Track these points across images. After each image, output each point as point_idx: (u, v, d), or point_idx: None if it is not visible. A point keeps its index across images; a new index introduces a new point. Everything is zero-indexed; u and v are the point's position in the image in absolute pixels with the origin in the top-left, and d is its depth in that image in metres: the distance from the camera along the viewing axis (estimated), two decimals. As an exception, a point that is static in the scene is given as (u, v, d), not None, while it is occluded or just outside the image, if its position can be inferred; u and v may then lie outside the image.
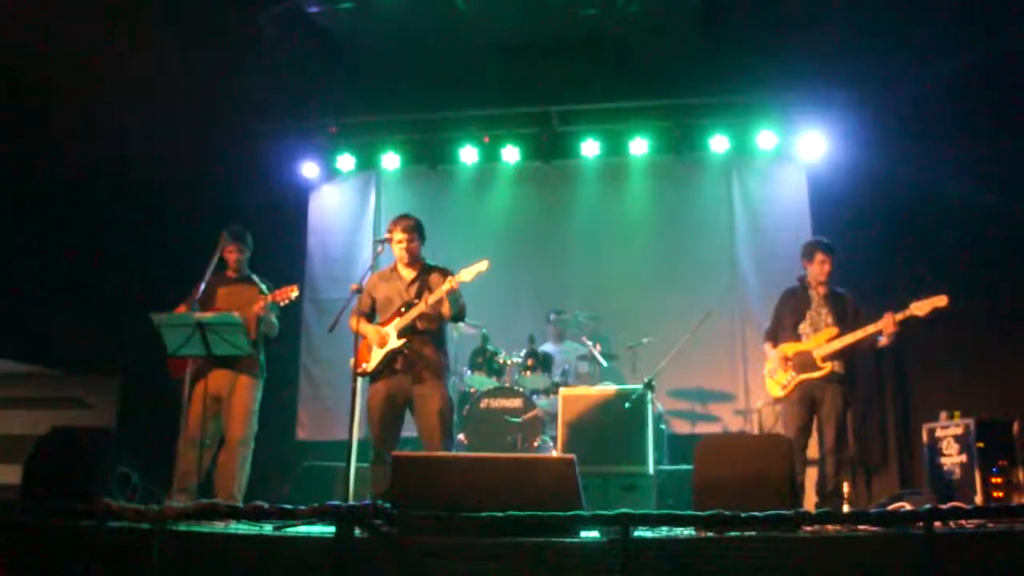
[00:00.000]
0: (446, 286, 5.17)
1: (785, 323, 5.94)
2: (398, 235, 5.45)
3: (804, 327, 5.84)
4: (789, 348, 5.83)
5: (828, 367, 5.68)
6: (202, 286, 5.68)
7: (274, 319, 5.96)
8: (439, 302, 5.27)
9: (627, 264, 8.50)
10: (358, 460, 4.89)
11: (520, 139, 8.76)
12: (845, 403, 5.72)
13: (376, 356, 5.30)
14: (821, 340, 5.72)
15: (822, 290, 5.90)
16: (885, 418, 7.58)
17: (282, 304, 5.86)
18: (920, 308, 5.50)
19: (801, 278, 6.04)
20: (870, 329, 5.57)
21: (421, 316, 5.28)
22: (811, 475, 6.06)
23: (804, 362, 5.74)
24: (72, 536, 3.97)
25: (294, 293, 5.82)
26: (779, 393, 5.85)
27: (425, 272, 5.49)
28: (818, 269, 5.90)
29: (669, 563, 3.53)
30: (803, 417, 5.72)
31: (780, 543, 3.60)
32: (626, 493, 6.28)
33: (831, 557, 3.55)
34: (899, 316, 5.52)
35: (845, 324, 5.72)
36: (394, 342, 5.27)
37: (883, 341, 5.61)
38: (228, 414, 5.74)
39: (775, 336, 6.00)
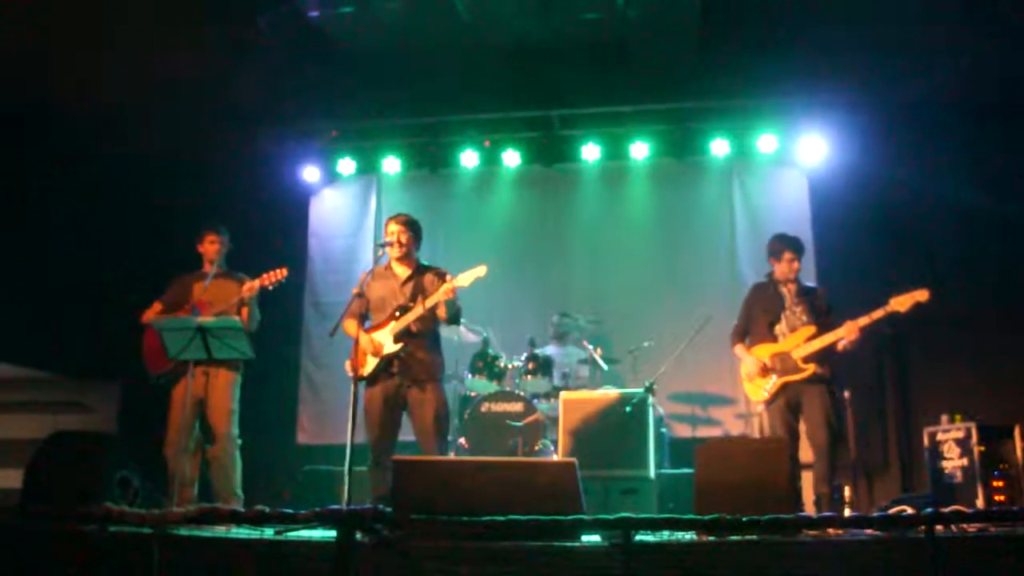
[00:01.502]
0: (442, 292, 5.13)
1: (759, 323, 5.82)
2: (392, 227, 5.43)
3: (780, 328, 5.73)
4: (765, 351, 5.72)
5: (811, 368, 5.56)
6: (205, 284, 5.68)
7: (256, 311, 5.88)
8: (435, 306, 5.25)
9: (628, 268, 8.50)
10: (357, 464, 4.89)
11: (521, 143, 8.76)
12: (832, 404, 5.60)
13: (371, 363, 5.26)
14: (799, 340, 5.61)
15: (792, 287, 5.81)
16: (886, 421, 7.58)
17: (270, 287, 5.77)
18: (900, 303, 5.44)
19: (770, 274, 5.94)
20: (840, 333, 5.51)
21: (416, 319, 5.26)
22: (806, 479, 6.04)
23: (785, 364, 5.62)
24: (73, 540, 3.97)
25: (283, 275, 5.74)
26: (763, 396, 5.72)
27: (419, 272, 5.46)
28: (787, 268, 5.80)
29: (671, 567, 3.52)
30: (791, 422, 5.62)
31: (782, 547, 3.60)
32: (627, 497, 6.27)
33: (833, 561, 3.54)
34: (860, 322, 5.47)
35: (820, 320, 5.64)
36: (390, 347, 5.23)
37: (848, 347, 5.54)
38: (211, 413, 5.67)
39: (744, 334, 5.91)
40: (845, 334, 5.50)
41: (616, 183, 8.79)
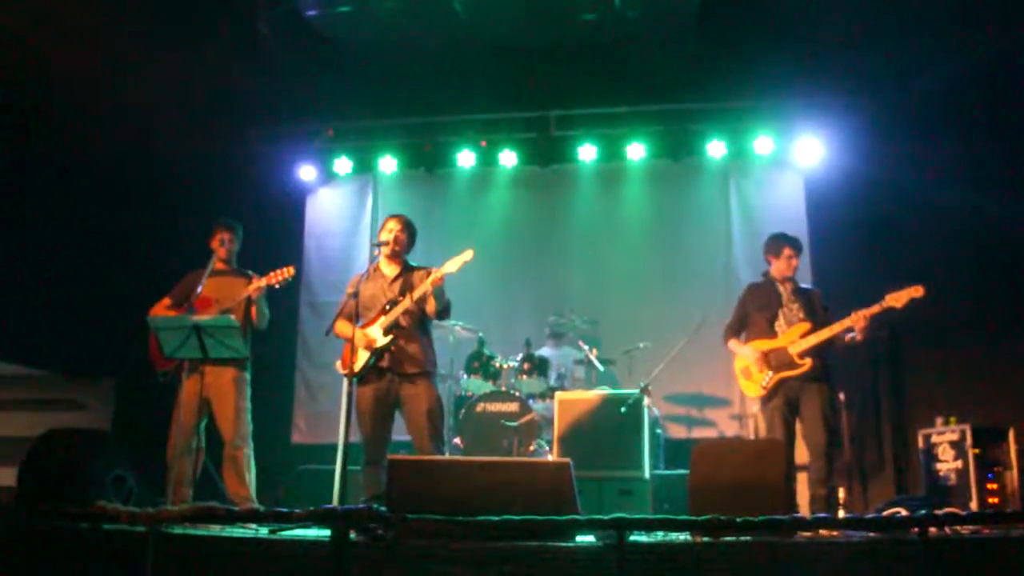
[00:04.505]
0: (429, 281, 5.15)
1: (756, 320, 5.80)
2: (392, 224, 5.46)
3: (780, 324, 5.70)
4: (763, 345, 5.69)
5: (807, 363, 5.52)
6: (199, 288, 5.65)
7: (265, 309, 5.85)
8: (424, 298, 5.25)
9: (624, 269, 8.50)
10: (350, 463, 4.88)
11: (517, 143, 8.75)
12: (829, 402, 5.57)
13: (362, 357, 5.24)
14: (795, 336, 5.59)
15: (789, 286, 5.80)
16: (881, 423, 7.58)
17: (277, 286, 5.73)
18: (896, 299, 5.40)
19: (766, 273, 5.94)
20: (846, 323, 5.47)
21: (405, 312, 5.25)
22: (801, 479, 6.03)
23: (781, 360, 5.59)
24: (67, 539, 3.96)
25: (290, 273, 5.69)
26: (759, 392, 5.68)
27: (407, 270, 5.47)
28: (785, 264, 5.79)
29: (665, 568, 3.52)
30: (788, 421, 5.58)
31: (776, 548, 3.60)
32: (622, 497, 6.27)
33: (827, 563, 3.55)
34: (870, 311, 5.44)
35: (817, 318, 5.62)
36: (381, 340, 5.22)
37: (857, 338, 5.51)
38: (221, 415, 5.63)
39: (737, 332, 5.88)
40: (852, 323, 5.45)
41: (612, 184, 8.79)
